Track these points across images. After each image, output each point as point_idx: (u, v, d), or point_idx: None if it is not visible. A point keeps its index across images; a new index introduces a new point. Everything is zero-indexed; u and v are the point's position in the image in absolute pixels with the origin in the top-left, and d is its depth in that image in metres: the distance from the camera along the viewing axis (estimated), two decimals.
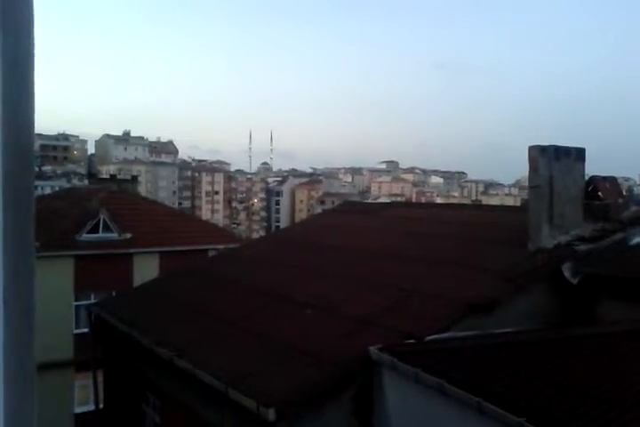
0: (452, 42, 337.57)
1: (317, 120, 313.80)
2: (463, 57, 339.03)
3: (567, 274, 8.48)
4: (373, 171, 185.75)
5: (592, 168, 10.29)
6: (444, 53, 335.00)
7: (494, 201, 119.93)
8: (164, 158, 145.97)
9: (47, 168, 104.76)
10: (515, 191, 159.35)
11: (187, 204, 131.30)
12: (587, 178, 9.95)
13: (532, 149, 9.32)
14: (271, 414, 6.60)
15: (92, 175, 37.58)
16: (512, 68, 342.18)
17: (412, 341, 7.22)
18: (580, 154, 9.65)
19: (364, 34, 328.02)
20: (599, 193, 9.91)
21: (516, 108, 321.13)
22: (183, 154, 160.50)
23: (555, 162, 9.34)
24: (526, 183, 11.00)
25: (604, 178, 10.20)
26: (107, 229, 23.02)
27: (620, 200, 10.01)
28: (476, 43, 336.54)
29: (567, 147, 9.55)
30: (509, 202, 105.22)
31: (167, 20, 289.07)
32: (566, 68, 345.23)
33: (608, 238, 9.24)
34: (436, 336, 7.29)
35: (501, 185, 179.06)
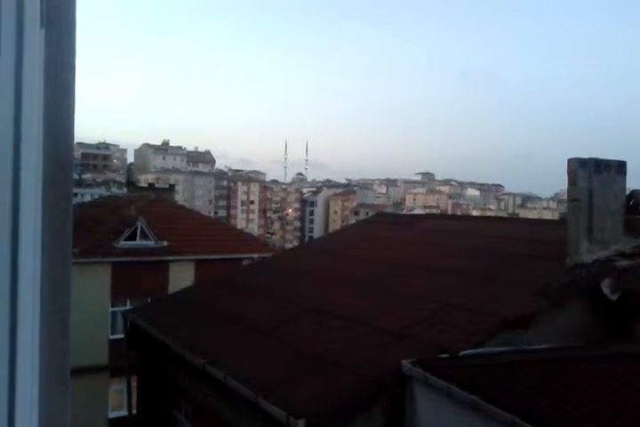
0: (482, 48, 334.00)
1: (351, 131, 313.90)
2: (495, 65, 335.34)
3: (606, 290, 8.27)
4: (408, 182, 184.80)
5: (634, 182, 10.06)
6: (476, 61, 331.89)
7: (532, 215, 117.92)
8: (201, 168, 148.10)
9: (87, 176, 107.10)
10: (553, 205, 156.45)
11: (222, 213, 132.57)
12: (628, 192, 9.73)
13: (571, 161, 9.15)
14: (301, 425, 6.58)
15: (130, 184, 38.21)
16: (553, 78, 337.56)
17: (445, 355, 7.12)
18: (620, 167, 9.43)
19: (398, 43, 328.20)
20: None
21: (554, 118, 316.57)
22: (220, 164, 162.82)
23: (595, 175, 9.15)
24: (565, 197, 10.81)
25: None
26: (144, 236, 23.41)
27: None
28: (509, 50, 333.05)
29: (608, 160, 9.35)
30: (547, 216, 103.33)
31: (201, 31, 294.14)
32: (608, 77, 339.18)
33: None
34: (470, 351, 7.18)
35: (539, 198, 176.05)
